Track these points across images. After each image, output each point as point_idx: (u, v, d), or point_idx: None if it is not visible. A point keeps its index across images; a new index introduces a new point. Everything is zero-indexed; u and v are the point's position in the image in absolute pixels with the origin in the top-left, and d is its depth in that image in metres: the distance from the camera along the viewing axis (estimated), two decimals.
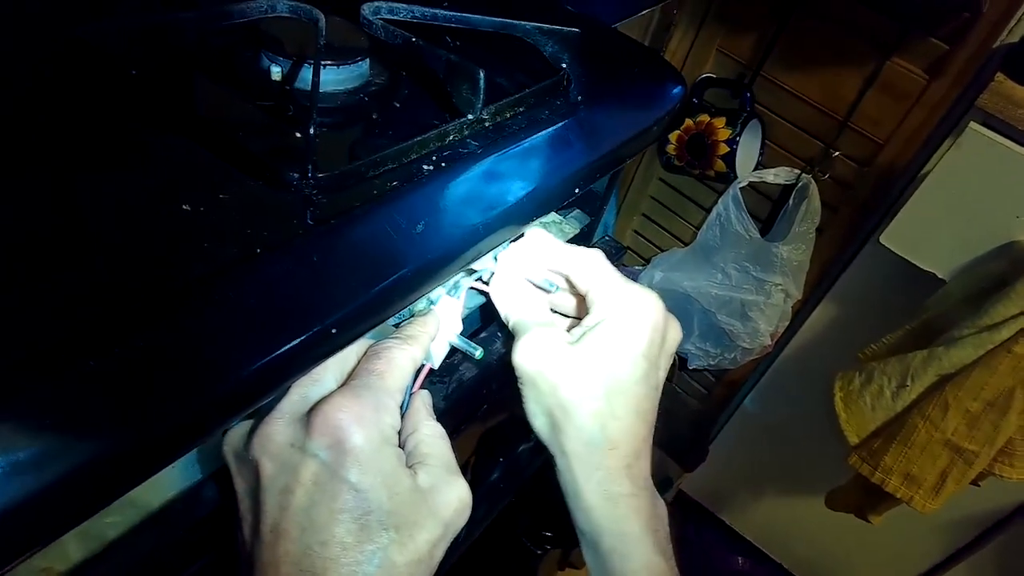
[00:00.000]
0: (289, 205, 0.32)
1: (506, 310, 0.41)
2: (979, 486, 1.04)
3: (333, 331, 0.28)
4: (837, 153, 1.09)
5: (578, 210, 0.63)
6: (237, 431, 0.32)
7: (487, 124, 0.42)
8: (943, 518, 1.22)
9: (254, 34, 0.43)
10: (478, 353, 0.42)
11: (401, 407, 0.35)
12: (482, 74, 0.39)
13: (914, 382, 0.97)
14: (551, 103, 0.46)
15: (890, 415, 1.01)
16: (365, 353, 0.34)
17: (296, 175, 0.32)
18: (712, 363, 1.32)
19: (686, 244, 1.32)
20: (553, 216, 0.60)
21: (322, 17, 0.40)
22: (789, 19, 1.07)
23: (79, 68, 0.37)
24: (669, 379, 1.52)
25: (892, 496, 1.03)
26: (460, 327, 0.43)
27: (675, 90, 0.53)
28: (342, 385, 0.32)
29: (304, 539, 0.29)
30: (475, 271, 0.45)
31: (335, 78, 0.43)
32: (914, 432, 0.98)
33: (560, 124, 0.44)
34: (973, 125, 0.88)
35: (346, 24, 0.46)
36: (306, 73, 0.42)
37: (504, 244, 0.48)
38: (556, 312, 0.45)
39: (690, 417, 1.53)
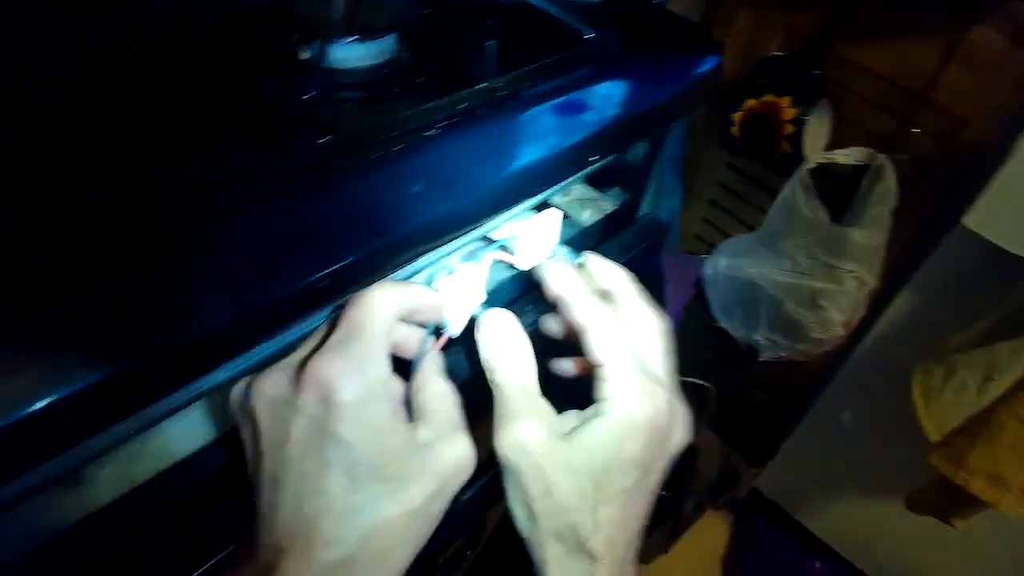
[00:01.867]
0: (293, 170, 0.34)
1: (491, 360, 0.37)
2: None
3: (321, 284, 0.29)
4: (915, 130, 1.02)
5: (618, 187, 0.62)
6: (240, 385, 0.33)
7: (503, 92, 0.42)
8: None
9: (288, 16, 0.46)
10: None
11: (412, 366, 0.36)
12: (493, 43, 0.39)
13: (1001, 376, 0.90)
14: (572, 73, 0.46)
15: (974, 411, 0.94)
16: (346, 302, 0.34)
17: (300, 141, 0.34)
18: (783, 354, 1.27)
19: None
20: (591, 192, 0.59)
21: None
22: None
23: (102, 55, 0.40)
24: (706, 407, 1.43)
25: (977, 498, 0.96)
26: (483, 296, 0.43)
27: (707, 61, 0.51)
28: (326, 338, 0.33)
29: (298, 488, 0.30)
30: (495, 241, 0.46)
31: (359, 54, 0.44)
32: (1001, 430, 0.90)
33: (576, 92, 0.44)
34: None
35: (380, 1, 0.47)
36: (331, 51, 0.44)
37: (525, 215, 0.48)
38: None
39: (758, 410, 1.47)
